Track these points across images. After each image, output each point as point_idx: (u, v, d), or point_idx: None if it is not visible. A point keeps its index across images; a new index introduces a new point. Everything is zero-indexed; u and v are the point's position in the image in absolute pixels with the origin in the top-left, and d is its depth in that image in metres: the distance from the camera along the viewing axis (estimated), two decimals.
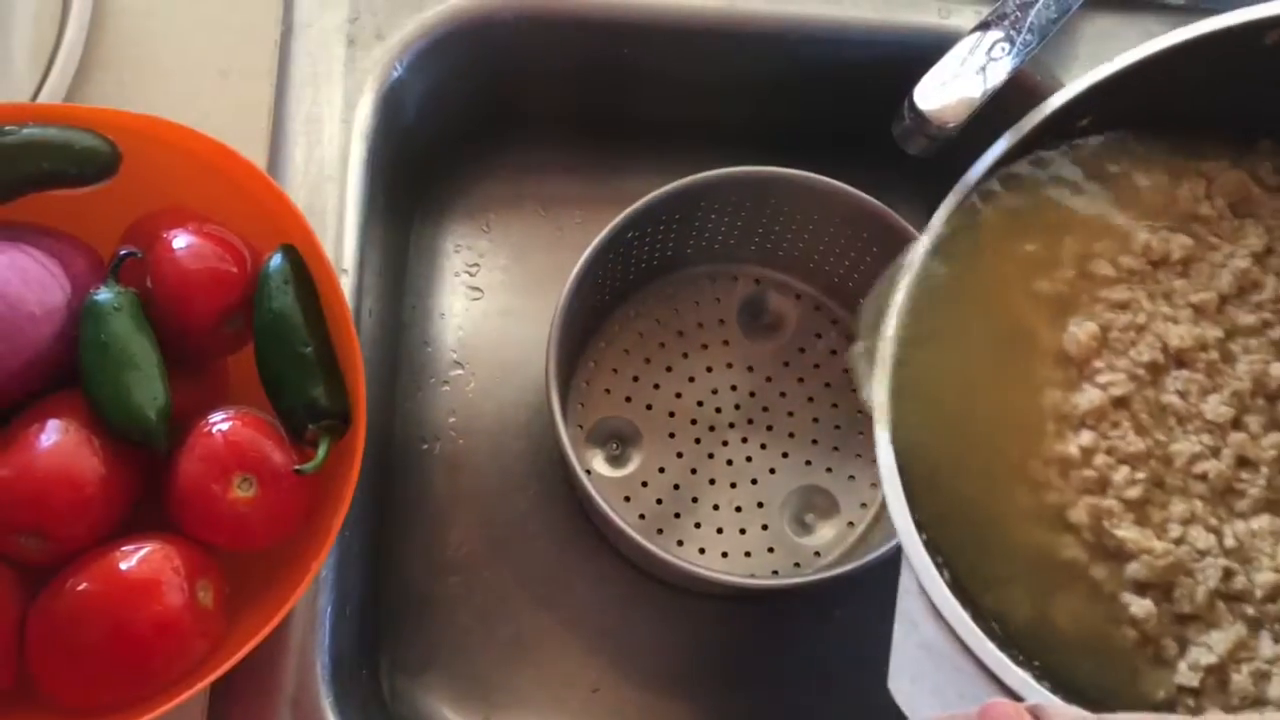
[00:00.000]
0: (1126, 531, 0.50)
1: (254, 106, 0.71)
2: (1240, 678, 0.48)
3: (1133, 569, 0.50)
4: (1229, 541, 0.51)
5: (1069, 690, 0.48)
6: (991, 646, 0.48)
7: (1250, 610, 0.50)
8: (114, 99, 0.69)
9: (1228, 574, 0.50)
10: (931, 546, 0.50)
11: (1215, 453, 0.52)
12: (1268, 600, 0.50)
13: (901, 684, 0.49)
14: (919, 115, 0.57)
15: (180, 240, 0.57)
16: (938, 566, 0.50)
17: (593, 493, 0.65)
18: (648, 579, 0.76)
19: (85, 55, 0.69)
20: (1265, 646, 0.49)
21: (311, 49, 0.72)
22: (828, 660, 0.76)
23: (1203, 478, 0.52)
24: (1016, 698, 0.46)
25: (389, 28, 0.73)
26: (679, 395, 0.79)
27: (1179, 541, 0.50)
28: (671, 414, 0.78)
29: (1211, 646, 0.49)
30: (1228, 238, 0.56)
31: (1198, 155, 0.58)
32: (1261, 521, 0.51)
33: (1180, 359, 0.54)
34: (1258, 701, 0.48)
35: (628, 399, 0.79)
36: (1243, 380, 0.53)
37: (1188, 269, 0.56)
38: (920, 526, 0.51)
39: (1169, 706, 0.48)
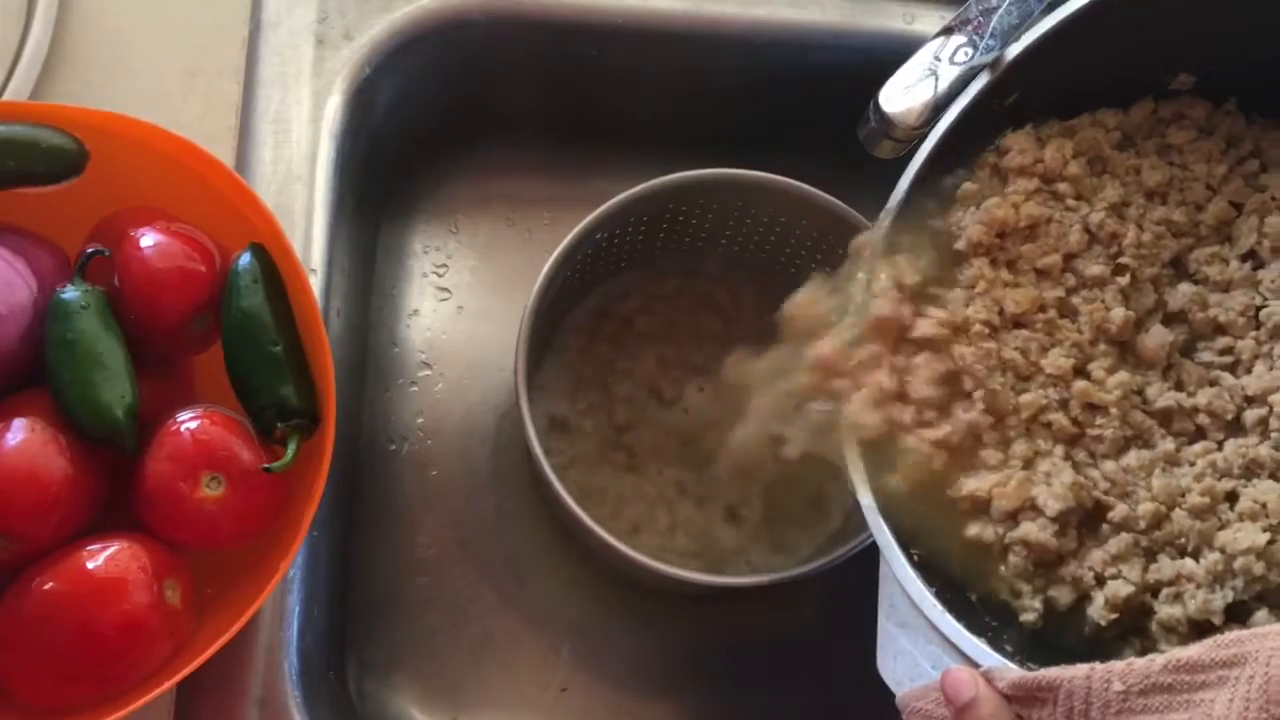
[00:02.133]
0: (971, 483, 0.53)
1: (222, 106, 0.70)
2: (1168, 608, 0.49)
3: (996, 506, 0.52)
4: (1103, 484, 0.53)
5: (1044, 646, 0.50)
6: (949, 618, 0.49)
7: (1143, 541, 0.52)
8: (80, 97, 0.68)
9: (1101, 507, 0.52)
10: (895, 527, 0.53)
11: (1064, 405, 0.54)
12: (1153, 528, 0.51)
13: (886, 663, 0.51)
14: (883, 118, 0.58)
15: (148, 239, 0.57)
16: (904, 547, 0.52)
17: (561, 492, 0.65)
18: (616, 578, 0.77)
19: (51, 53, 0.69)
20: (1166, 567, 0.50)
21: (280, 48, 0.72)
22: (799, 657, 0.77)
23: (1047, 426, 0.54)
24: (975, 664, 0.47)
25: (358, 28, 0.73)
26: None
27: (1024, 468, 0.53)
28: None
29: (1125, 576, 0.51)
30: (1088, 196, 0.58)
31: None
32: (1130, 459, 0.53)
33: (1018, 321, 0.56)
34: (1192, 624, 0.49)
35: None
36: (1083, 331, 0.55)
37: (1034, 233, 0.57)
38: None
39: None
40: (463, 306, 0.83)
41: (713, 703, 0.76)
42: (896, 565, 0.52)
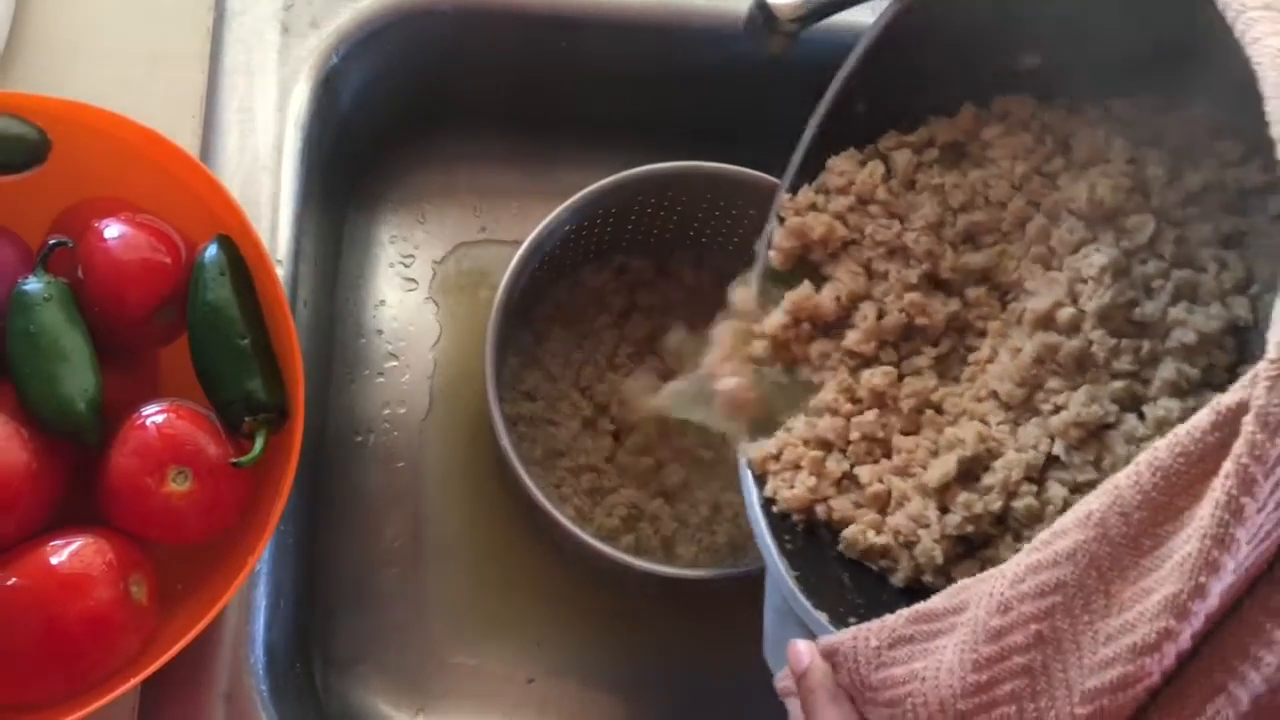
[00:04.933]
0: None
1: (186, 94, 0.70)
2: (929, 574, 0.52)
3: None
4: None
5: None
6: (799, 595, 0.51)
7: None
8: (41, 84, 0.67)
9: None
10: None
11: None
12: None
13: (767, 650, 0.53)
14: (766, 8, 0.58)
15: (112, 230, 0.56)
16: (776, 535, 0.55)
17: (529, 484, 0.65)
18: (584, 570, 0.77)
19: (11, 39, 0.68)
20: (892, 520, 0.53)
21: (245, 36, 0.71)
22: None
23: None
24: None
25: (324, 16, 0.73)
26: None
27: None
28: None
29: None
30: (902, 214, 0.58)
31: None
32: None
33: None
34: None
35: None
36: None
37: (845, 249, 0.59)
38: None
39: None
40: (429, 297, 0.82)
41: (679, 696, 0.76)
42: (764, 546, 0.54)
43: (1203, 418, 0.34)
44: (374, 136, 0.81)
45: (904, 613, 0.41)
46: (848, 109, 0.59)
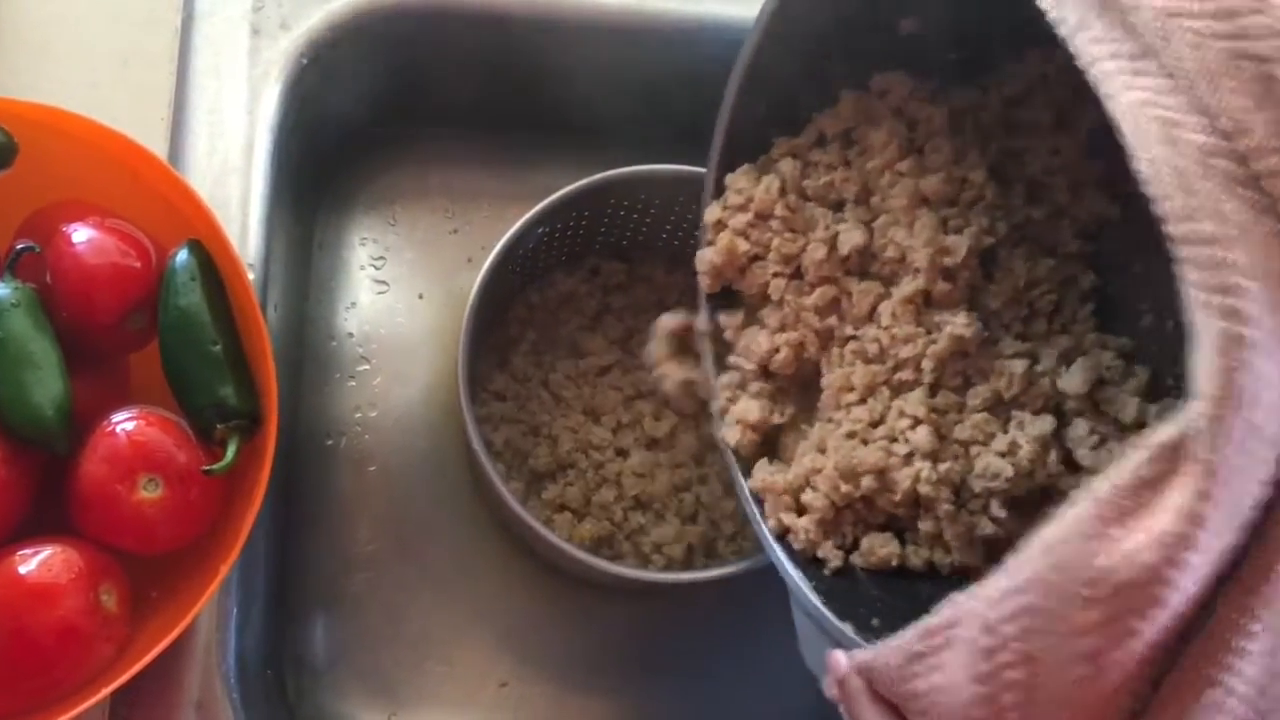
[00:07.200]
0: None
1: (154, 96, 0.69)
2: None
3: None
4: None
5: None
6: (818, 603, 0.51)
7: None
8: (8, 87, 0.66)
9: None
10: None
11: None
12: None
13: (804, 651, 0.53)
14: None
15: (81, 234, 0.56)
16: (783, 542, 0.54)
17: (501, 488, 0.65)
18: (556, 574, 0.77)
19: None
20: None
21: (214, 38, 0.71)
22: (741, 648, 0.78)
23: None
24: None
25: (294, 18, 0.72)
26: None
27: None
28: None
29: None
30: (802, 229, 0.58)
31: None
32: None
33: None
34: None
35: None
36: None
37: (750, 266, 0.59)
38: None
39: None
40: (401, 299, 0.82)
41: (653, 697, 0.76)
42: (773, 553, 0.54)
43: (1138, 455, 0.35)
44: (345, 138, 0.81)
45: (910, 631, 0.43)
46: (751, 112, 0.59)
